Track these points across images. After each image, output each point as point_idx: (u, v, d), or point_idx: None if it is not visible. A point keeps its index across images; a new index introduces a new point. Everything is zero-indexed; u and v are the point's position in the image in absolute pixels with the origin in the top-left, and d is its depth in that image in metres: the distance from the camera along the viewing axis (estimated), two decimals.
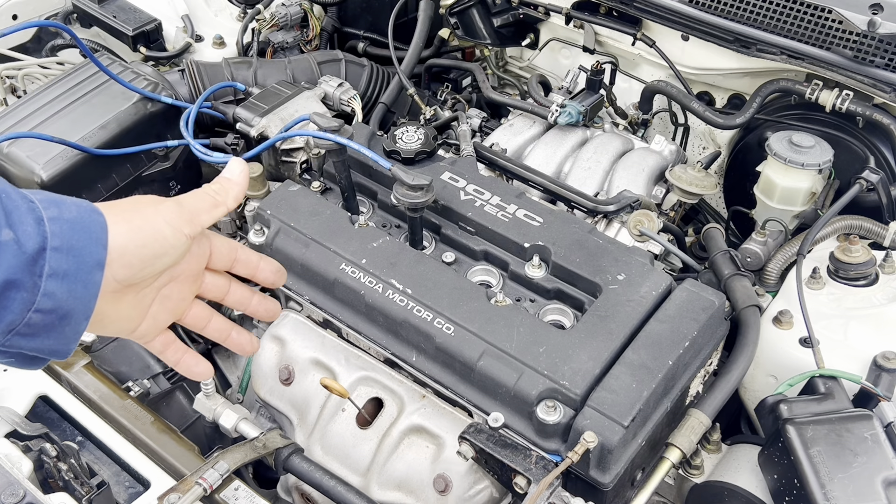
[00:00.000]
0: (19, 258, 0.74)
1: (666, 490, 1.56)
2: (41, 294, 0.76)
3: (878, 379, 1.42)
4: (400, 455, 1.50)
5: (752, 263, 1.74)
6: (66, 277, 0.77)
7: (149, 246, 0.83)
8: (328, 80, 2.14)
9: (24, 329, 0.76)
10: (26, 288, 0.75)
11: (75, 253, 0.78)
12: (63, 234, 0.77)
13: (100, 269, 0.80)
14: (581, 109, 1.96)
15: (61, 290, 0.77)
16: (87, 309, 0.80)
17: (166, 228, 0.85)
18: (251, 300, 1.00)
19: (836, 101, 1.83)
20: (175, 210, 0.87)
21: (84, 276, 0.78)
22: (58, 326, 0.79)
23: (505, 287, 1.56)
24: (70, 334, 0.80)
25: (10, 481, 1.21)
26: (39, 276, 0.76)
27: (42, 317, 0.77)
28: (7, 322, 0.75)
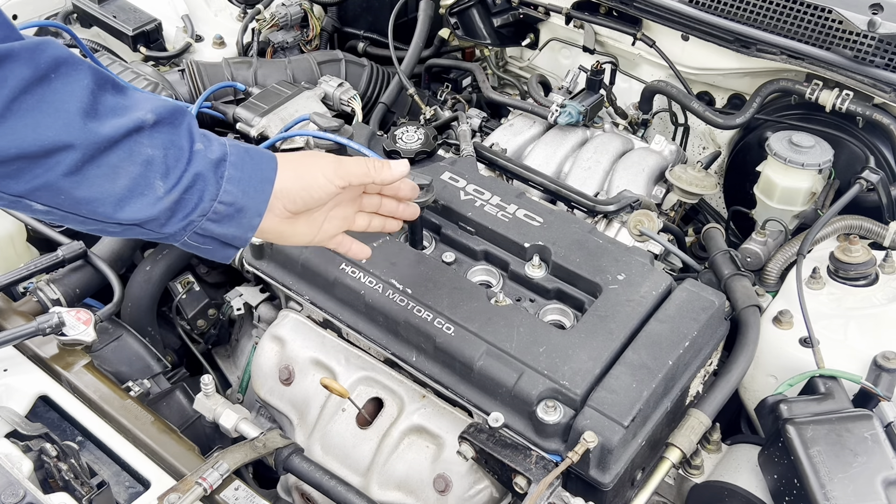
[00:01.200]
0: (206, 162, 1.05)
1: (666, 490, 1.56)
2: (222, 190, 1.06)
3: (878, 379, 1.42)
4: (400, 455, 1.50)
5: (752, 263, 1.74)
6: (241, 182, 1.08)
7: (307, 189, 1.16)
8: (328, 80, 2.14)
9: (213, 216, 1.07)
10: (211, 183, 1.05)
11: (248, 168, 1.09)
12: (239, 154, 1.09)
13: (269, 183, 1.11)
14: (581, 109, 1.97)
15: (237, 191, 1.07)
16: (258, 208, 1.11)
17: (322, 178, 1.17)
18: (398, 207, 1.35)
19: (836, 101, 1.83)
20: (332, 166, 1.18)
21: (255, 183, 1.10)
22: (236, 217, 1.09)
23: (505, 287, 1.56)
24: (246, 225, 1.10)
25: (10, 481, 1.21)
26: (221, 178, 1.06)
27: (224, 207, 1.07)
28: (201, 208, 1.05)
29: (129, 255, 1.90)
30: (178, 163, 1.03)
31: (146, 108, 1.02)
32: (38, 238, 1.97)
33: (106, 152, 0.98)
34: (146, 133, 1.01)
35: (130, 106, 1.02)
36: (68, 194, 0.98)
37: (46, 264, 1.72)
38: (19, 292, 1.83)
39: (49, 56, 0.96)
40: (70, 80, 0.98)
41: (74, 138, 0.96)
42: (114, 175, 1.00)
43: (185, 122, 1.06)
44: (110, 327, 1.74)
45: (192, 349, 2.03)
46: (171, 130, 1.04)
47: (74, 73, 0.98)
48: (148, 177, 1.01)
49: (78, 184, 0.98)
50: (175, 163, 1.03)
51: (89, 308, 1.63)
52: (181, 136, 1.04)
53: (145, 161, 1.01)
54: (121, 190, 1.00)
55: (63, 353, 1.54)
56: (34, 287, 1.72)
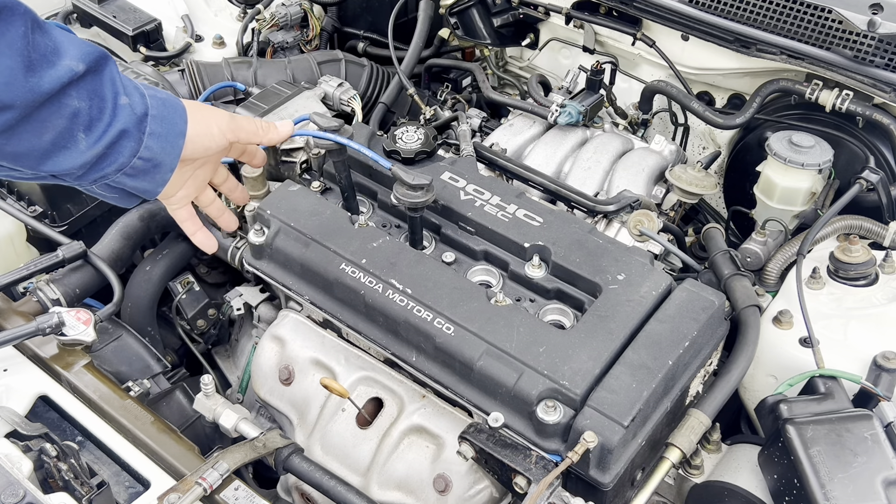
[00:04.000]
0: (132, 117, 1.02)
1: (666, 490, 1.56)
2: (143, 146, 1.04)
3: (878, 379, 1.42)
4: (400, 455, 1.50)
5: (752, 263, 1.74)
6: (160, 137, 1.06)
7: (201, 137, 1.14)
8: (328, 80, 2.14)
9: (130, 171, 1.05)
10: (134, 139, 1.03)
11: (167, 122, 1.07)
12: (158, 107, 1.06)
13: (182, 136, 1.10)
14: (581, 109, 1.96)
15: (157, 146, 1.06)
16: (172, 163, 1.10)
17: (216, 129, 1.16)
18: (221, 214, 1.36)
19: (836, 101, 1.83)
20: (226, 119, 1.19)
21: (172, 139, 1.09)
22: (151, 172, 1.07)
23: (505, 287, 1.56)
24: (159, 180, 1.10)
25: (10, 481, 1.21)
26: (143, 133, 1.04)
27: (143, 163, 1.05)
28: (119, 163, 1.03)
29: (129, 255, 1.90)
30: (102, 115, 0.99)
31: (74, 55, 0.96)
32: (38, 238, 1.97)
33: (38, 108, 0.94)
34: (75, 84, 0.96)
35: (59, 50, 0.95)
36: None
37: (46, 264, 1.72)
38: (19, 292, 1.83)
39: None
40: (10, 27, 0.90)
41: (15, 98, 0.91)
42: (41, 130, 0.95)
43: (108, 70, 1.00)
44: (110, 327, 1.74)
45: (192, 349, 2.03)
46: (95, 79, 0.99)
47: (13, 19, 0.90)
48: (72, 130, 0.97)
49: (7, 140, 0.94)
50: (99, 114, 0.99)
51: (89, 308, 1.63)
52: (105, 86, 1.00)
53: (72, 114, 0.97)
54: (46, 144, 0.97)
55: (63, 353, 1.54)
56: (34, 287, 1.72)
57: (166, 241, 2.00)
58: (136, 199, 1.14)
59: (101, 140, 1.00)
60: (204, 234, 1.33)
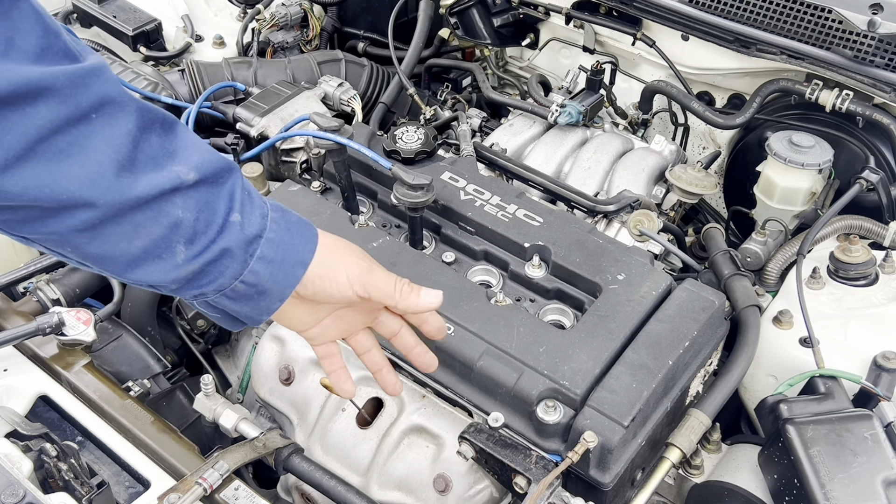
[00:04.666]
0: (239, 237, 0.93)
1: (666, 490, 1.56)
2: (248, 270, 0.94)
3: (878, 379, 1.42)
4: (400, 455, 1.50)
5: (752, 263, 1.74)
6: (272, 263, 0.96)
7: (324, 281, 1.01)
8: (328, 80, 2.14)
9: (230, 293, 0.95)
10: (238, 261, 0.93)
11: (285, 248, 0.97)
12: (279, 231, 0.97)
13: (302, 266, 0.99)
14: (581, 109, 1.96)
15: (265, 272, 0.95)
16: (282, 293, 0.99)
17: (343, 278, 1.02)
18: (414, 348, 1.14)
19: (836, 101, 1.83)
20: (359, 269, 1.04)
21: (287, 267, 0.97)
22: (255, 299, 0.97)
23: (505, 287, 1.56)
24: (264, 308, 0.99)
25: (10, 481, 1.21)
26: (251, 256, 0.94)
27: (245, 287, 0.95)
28: (219, 283, 0.94)
29: None
30: (208, 229, 0.90)
31: (190, 163, 0.89)
32: None
33: (132, 211, 0.86)
34: (181, 193, 0.88)
35: (174, 154, 0.89)
36: (77, 248, 0.87)
37: (46, 264, 1.72)
38: (19, 292, 1.83)
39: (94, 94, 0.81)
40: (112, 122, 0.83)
41: (98, 196, 0.83)
42: (133, 235, 0.87)
43: (229, 183, 0.93)
44: (110, 327, 1.74)
45: (192, 349, 2.03)
46: (210, 191, 0.91)
47: (119, 115, 0.84)
48: (171, 240, 0.89)
49: (90, 240, 0.86)
50: (205, 229, 0.90)
51: (89, 308, 1.63)
52: (219, 200, 0.91)
53: (172, 224, 0.88)
54: (136, 251, 0.88)
55: (63, 353, 1.54)
56: (34, 287, 1.71)
57: None
58: (240, 324, 1.03)
59: (201, 256, 0.91)
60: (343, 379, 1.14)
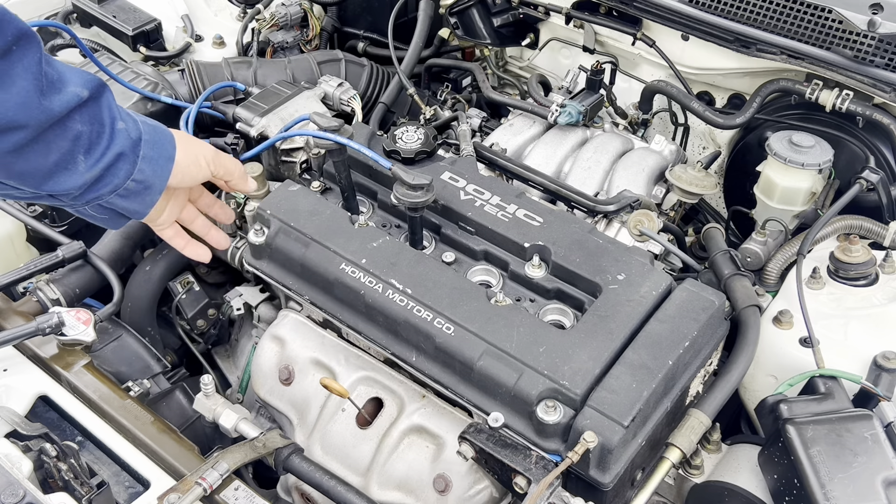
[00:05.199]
0: (128, 141, 1.10)
1: (666, 490, 1.56)
2: (137, 169, 1.12)
3: (878, 379, 1.42)
4: (400, 455, 1.50)
5: (752, 263, 1.74)
6: (152, 161, 1.14)
7: (192, 167, 1.23)
8: (328, 80, 2.14)
9: (123, 192, 1.12)
10: (129, 162, 1.11)
11: (158, 147, 1.15)
12: (150, 133, 1.15)
13: (171, 161, 1.18)
14: (581, 109, 1.96)
15: (149, 169, 1.14)
16: (161, 185, 1.17)
17: (202, 160, 1.25)
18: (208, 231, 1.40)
19: (836, 101, 1.83)
20: (212, 153, 1.28)
21: (163, 163, 1.16)
22: (142, 194, 1.15)
23: (505, 287, 1.56)
24: (148, 201, 1.17)
25: (10, 481, 1.21)
26: (138, 156, 1.12)
27: (135, 185, 1.13)
28: (114, 185, 1.10)
29: (129, 255, 1.90)
30: (100, 139, 1.06)
31: (78, 82, 1.04)
32: (37, 238, 1.97)
33: (47, 130, 1.01)
34: (79, 109, 1.04)
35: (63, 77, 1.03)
36: (4, 167, 1.01)
37: (46, 264, 1.72)
38: (19, 292, 1.83)
39: (15, 27, 0.95)
40: (28, 52, 0.96)
41: (30, 118, 0.97)
42: (47, 151, 1.02)
43: (105, 96, 1.08)
44: (110, 327, 1.74)
45: (192, 349, 2.03)
46: (95, 105, 1.06)
47: (30, 45, 0.97)
48: (74, 152, 1.04)
49: (17, 159, 1.00)
50: (97, 139, 1.06)
51: (89, 308, 1.63)
52: (103, 111, 1.07)
53: (74, 136, 1.04)
54: (51, 165, 1.03)
55: (63, 353, 1.54)
56: (34, 287, 1.71)
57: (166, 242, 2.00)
58: (124, 220, 1.20)
59: (100, 162, 1.07)
60: (194, 246, 1.37)
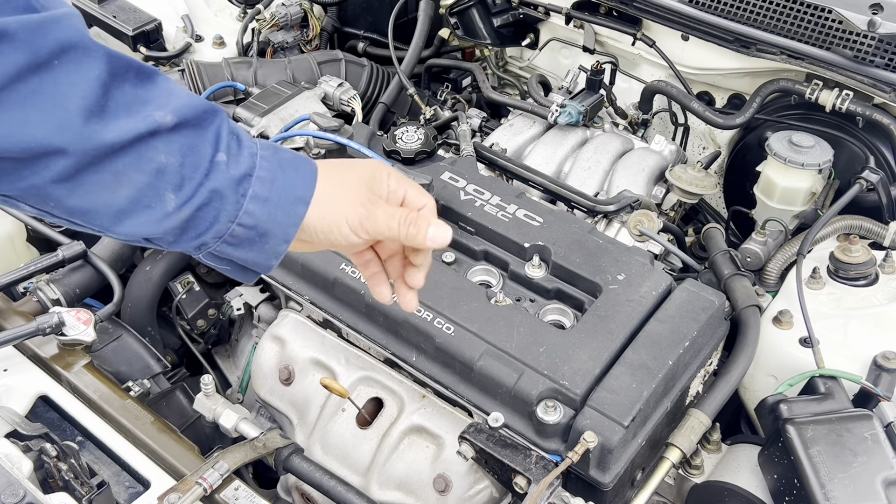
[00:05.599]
0: (226, 177, 0.89)
1: (666, 490, 1.56)
2: (243, 211, 0.91)
3: (878, 379, 1.42)
4: (400, 455, 1.50)
5: (752, 263, 1.74)
6: (268, 202, 0.92)
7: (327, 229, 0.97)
8: (328, 80, 2.14)
9: (230, 238, 0.92)
10: (230, 202, 0.90)
11: (280, 186, 0.93)
12: (271, 169, 0.93)
13: (303, 203, 0.94)
14: (581, 109, 1.96)
15: (261, 212, 0.92)
16: (285, 234, 0.94)
17: (346, 228, 0.97)
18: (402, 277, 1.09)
19: (836, 101, 1.83)
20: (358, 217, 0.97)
21: (286, 205, 0.93)
22: (258, 242, 0.93)
23: (505, 287, 1.56)
24: (270, 251, 0.95)
25: (10, 481, 1.21)
26: (243, 196, 0.90)
27: (244, 231, 0.92)
28: (216, 230, 0.91)
29: (130, 255, 1.90)
30: (195, 173, 0.89)
31: (168, 107, 0.88)
32: (38, 238, 1.97)
33: (108, 158, 0.85)
34: (162, 137, 0.87)
35: (151, 100, 0.87)
36: (58, 202, 0.86)
37: (46, 264, 1.72)
38: (19, 292, 1.83)
39: (53, 39, 0.81)
40: (77, 69, 0.83)
41: (69, 142, 0.83)
42: (116, 184, 0.86)
43: (213, 126, 0.91)
44: (110, 327, 1.74)
45: (192, 349, 2.03)
46: (193, 134, 0.89)
47: (84, 61, 0.84)
48: (157, 188, 0.87)
49: (70, 192, 0.85)
50: (192, 173, 0.88)
51: (89, 308, 1.63)
52: (204, 142, 0.90)
53: (157, 170, 0.87)
54: (122, 201, 0.87)
55: (63, 353, 1.54)
56: (34, 287, 1.71)
57: None
58: (253, 275, 1.00)
59: (191, 201, 0.89)
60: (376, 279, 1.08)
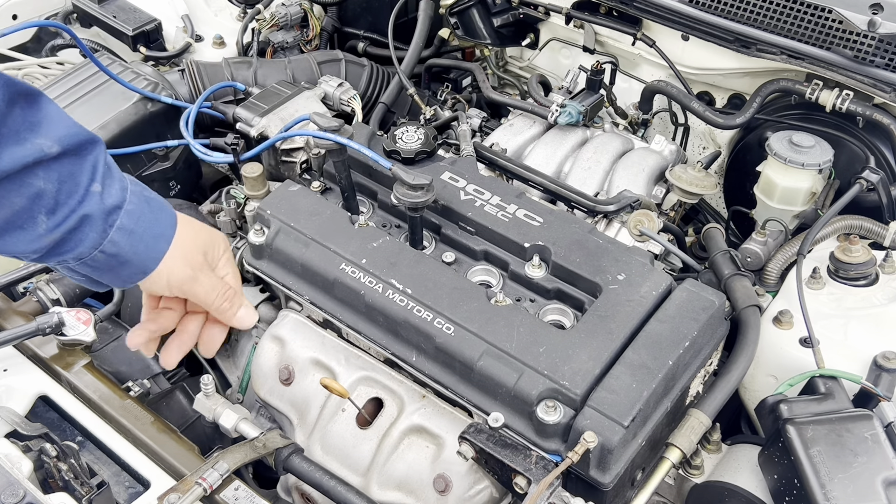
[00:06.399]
0: (99, 206, 0.95)
1: (666, 490, 1.56)
2: (108, 240, 0.97)
3: (878, 379, 1.42)
4: (400, 455, 1.50)
5: (753, 263, 1.74)
6: (133, 235, 0.98)
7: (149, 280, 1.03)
8: (328, 80, 2.14)
9: (90, 262, 0.98)
10: (97, 230, 0.96)
11: (145, 222, 1.00)
12: (139, 204, 1.00)
13: (165, 241, 1.02)
14: (581, 109, 1.96)
15: (125, 243, 0.98)
16: (144, 265, 1.01)
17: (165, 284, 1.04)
18: None
19: (836, 101, 1.83)
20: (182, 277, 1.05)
21: (148, 240, 1.00)
22: (116, 269, 1.00)
23: (505, 287, 1.56)
24: (125, 278, 1.02)
25: (10, 481, 1.21)
26: (110, 226, 0.96)
27: (105, 258, 0.98)
28: (78, 252, 0.96)
29: None
30: (69, 199, 0.94)
31: (53, 136, 0.93)
32: None
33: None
34: (44, 165, 0.92)
35: (36, 127, 0.91)
36: None
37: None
38: (19, 292, 1.83)
39: None
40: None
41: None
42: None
43: (91, 156, 0.96)
44: (110, 327, 1.74)
45: (192, 349, 2.03)
46: (72, 163, 0.94)
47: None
48: (32, 210, 0.92)
49: None
50: (66, 199, 0.93)
51: (89, 308, 1.63)
52: (82, 172, 0.95)
53: (34, 194, 0.91)
54: (0, 222, 0.92)
55: (63, 353, 1.54)
56: (34, 287, 1.72)
57: None
58: (103, 287, 1.07)
59: (62, 225, 0.94)
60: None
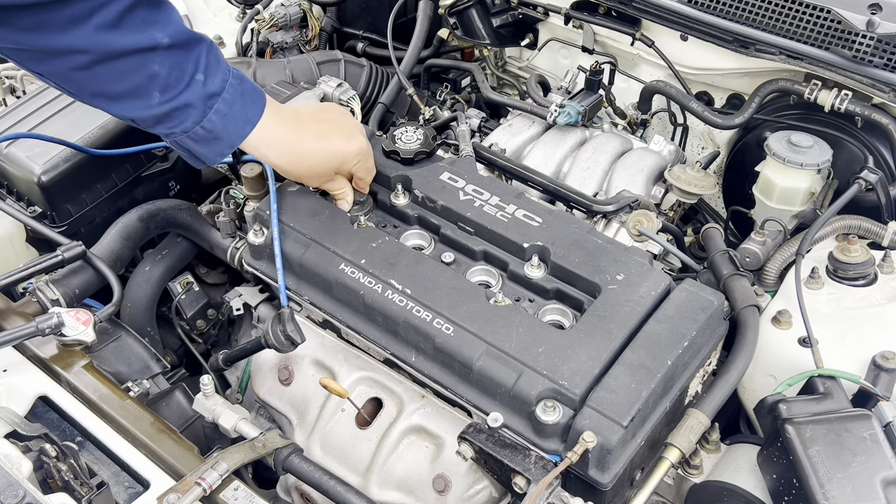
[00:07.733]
0: (200, 92, 1.29)
1: (665, 490, 1.56)
2: (206, 119, 1.31)
3: (877, 379, 1.42)
4: (399, 455, 1.50)
5: (751, 263, 1.74)
6: (226, 117, 1.33)
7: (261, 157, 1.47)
8: (327, 81, 2.14)
9: (192, 135, 1.32)
10: (199, 110, 1.30)
11: (237, 107, 1.34)
12: (234, 93, 1.33)
13: (249, 125, 1.37)
14: (580, 109, 1.97)
15: (220, 123, 1.33)
16: (232, 141, 1.36)
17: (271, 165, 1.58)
18: None
19: (834, 101, 1.83)
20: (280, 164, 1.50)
21: (238, 122, 1.35)
22: (212, 143, 1.34)
23: (504, 287, 1.56)
24: (217, 150, 1.36)
25: (10, 482, 1.21)
26: (209, 108, 1.31)
27: (204, 132, 1.32)
28: (184, 126, 1.31)
29: (129, 256, 1.90)
30: (178, 83, 1.26)
31: (167, 30, 1.24)
32: (37, 238, 1.97)
33: (116, 59, 1.21)
34: (158, 52, 1.23)
35: (154, 23, 1.22)
36: (77, 84, 1.25)
37: (46, 264, 1.72)
38: (19, 292, 1.83)
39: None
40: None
41: (86, 45, 1.19)
42: (119, 79, 1.24)
43: (196, 51, 1.28)
44: (110, 328, 1.74)
45: (191, 349, 2.03)
46: (181, 54, 1.26)
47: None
48: (148, 87, 1.25)
49: (86, 79, 1.23)
50: (175, 83, 1.26)
51: (89, 308, 1.63)
52: (188, 62, 1.27)
53: (151, 75, 1.24)
54: (121, 91, 1.25)
55: (62, 353, 1.54)
56: (34, 287, 1.71)
57: (166, 242, 2.00)
58: (200, 163, 1.39)
59: (169, 103, 1.27)
60: None
